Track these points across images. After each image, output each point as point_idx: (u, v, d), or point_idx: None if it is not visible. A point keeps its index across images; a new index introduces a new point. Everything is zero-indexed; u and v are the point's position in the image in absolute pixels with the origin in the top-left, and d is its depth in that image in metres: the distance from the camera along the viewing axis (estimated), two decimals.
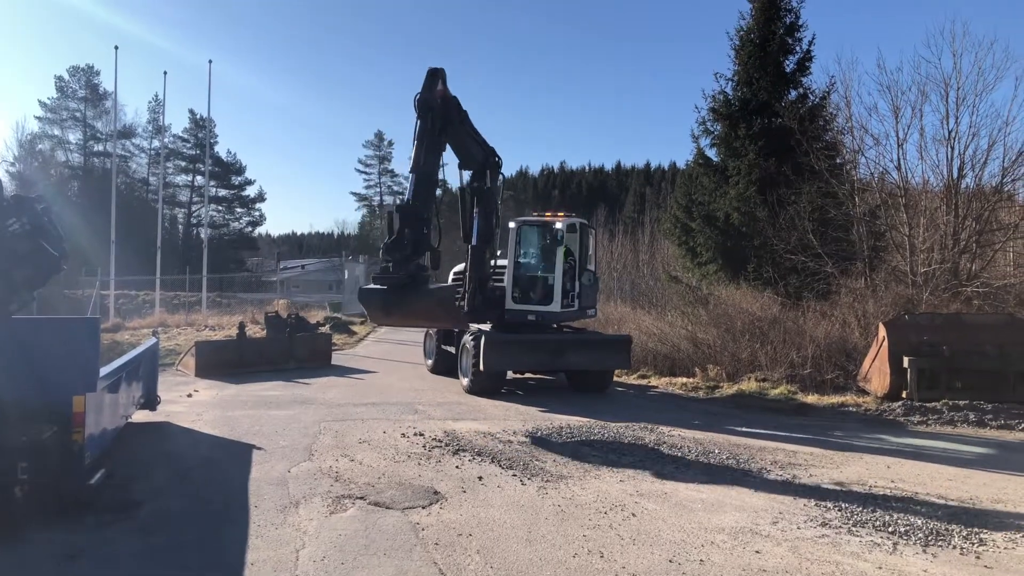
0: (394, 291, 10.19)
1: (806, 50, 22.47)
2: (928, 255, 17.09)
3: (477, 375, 12.37)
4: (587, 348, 13.06)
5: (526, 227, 13.96)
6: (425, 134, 11.29)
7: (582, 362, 12.88)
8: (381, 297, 10.35)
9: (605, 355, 13.27)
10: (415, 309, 10.41)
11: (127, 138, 69.19)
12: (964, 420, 11.02)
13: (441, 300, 10.69)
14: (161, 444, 8.47)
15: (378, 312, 10.63)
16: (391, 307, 10.36)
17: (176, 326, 25.30)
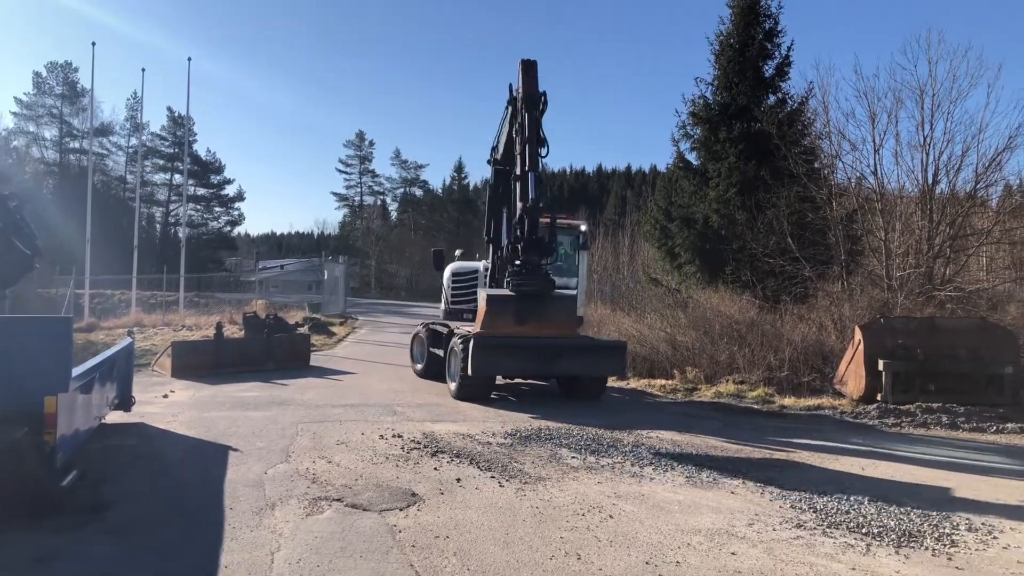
0: (529, 298, 9.61)
1: (785, 55, 22.73)
2: (903, 259, 17.33)
3: (465, 379, 11.96)
4: (580, 353, 12.27)
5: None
6: (534, 129, 10.70)
7: (574, 368, 12.35)
8: (515, 305, 9.68)
9: (598, 361, 12.58)
10: (549, 317, 9.78)
11: (104, 135, 68.36)
12: (937, 423, 11.18)
13: (565, 306, 10.07)
14: (135, 445, 8.35)
15: (508, 321, 9.85)
16: (526, 315, 9.65)
17: (153, 326, 25.01)
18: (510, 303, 9.59)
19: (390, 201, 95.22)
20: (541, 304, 9.48)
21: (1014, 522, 6.08)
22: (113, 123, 70.52)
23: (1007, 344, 12.60)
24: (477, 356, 11.54)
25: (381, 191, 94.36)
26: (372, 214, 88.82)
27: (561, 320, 9.87)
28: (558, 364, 12.11)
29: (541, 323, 9.75)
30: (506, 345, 11.99)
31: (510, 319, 9.65)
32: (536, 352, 11.93)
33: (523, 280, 9.44)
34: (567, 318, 9.92)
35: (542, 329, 10.32)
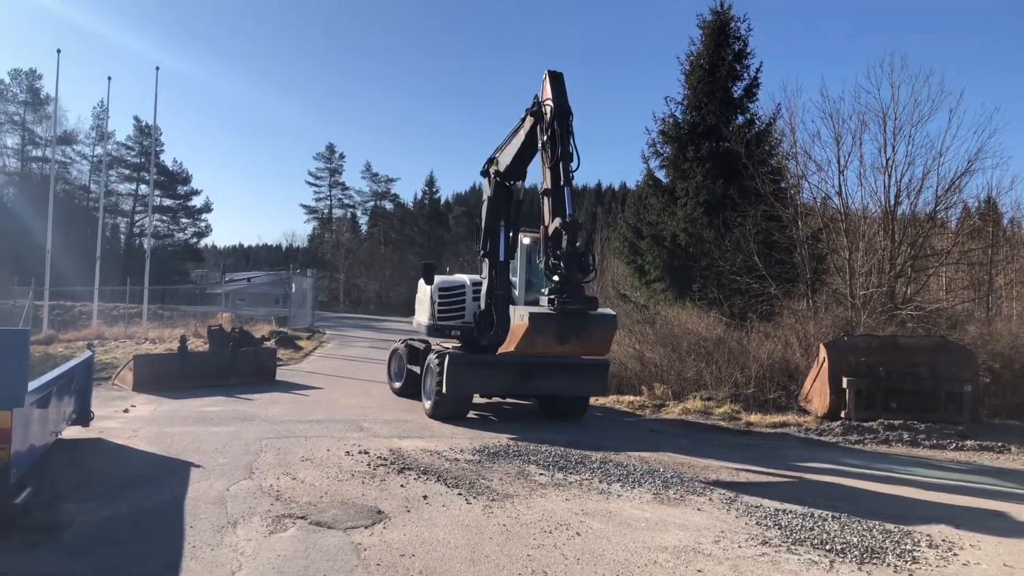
0: (571, 317, 9.08)
1: (753, 77, 23.11)
2: (866, 278, 17.65)
3: (440, 398, 11.57)
4: (559, 372, 11.85)
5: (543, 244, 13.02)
6: (567, 142, 10.10)
7: (553, 387, 12.03)
8: (559, 324, 9.06)
9: (579, 380, 12.17)
10: (589, 336, 9.21)
11: (68, 144, 67.12)
12: (899, 439, 11.37)
13: (606, 326, 9.45)
14: (93, 461, 8.14)
15: (550, 340, 9.17)
16: (568, 335, 9.08)
17: (114, 339, 24.47)
18: (553, 321, 8.96)
19: (360, 214, 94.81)
20: (583, 323, 8.99)
21: (973, 539, 6.19)
22: (77, 131, 69.30)
23: (966, 363, 12.87)
24: (452, 373, 11.31)
25: (351, 204, 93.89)
26: (342, 227, 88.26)
27: (600, 340, 9.35)
28: (536, 383, 11.80)
29: (581, 342, 9.25)
30: (482, 363, 11.75)
31: (551, 338, 9.07)
32: (513, 370, 11.56)
33: (568, 298, 8.91)
34: (605, 338, 9.43)
35: (582, 348, 9.83)
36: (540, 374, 11.70)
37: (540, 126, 10.44)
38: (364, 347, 26.80)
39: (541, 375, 11.71)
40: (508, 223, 12.29)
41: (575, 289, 9.01)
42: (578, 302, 8.98)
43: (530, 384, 11.82)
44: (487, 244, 12.39)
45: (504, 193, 12.38)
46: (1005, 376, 13.86)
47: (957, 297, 20.14)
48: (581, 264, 9.10)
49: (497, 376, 11.79)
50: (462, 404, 11.92)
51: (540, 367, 11.63)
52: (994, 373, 13.87)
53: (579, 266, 9.08)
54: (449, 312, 13.80)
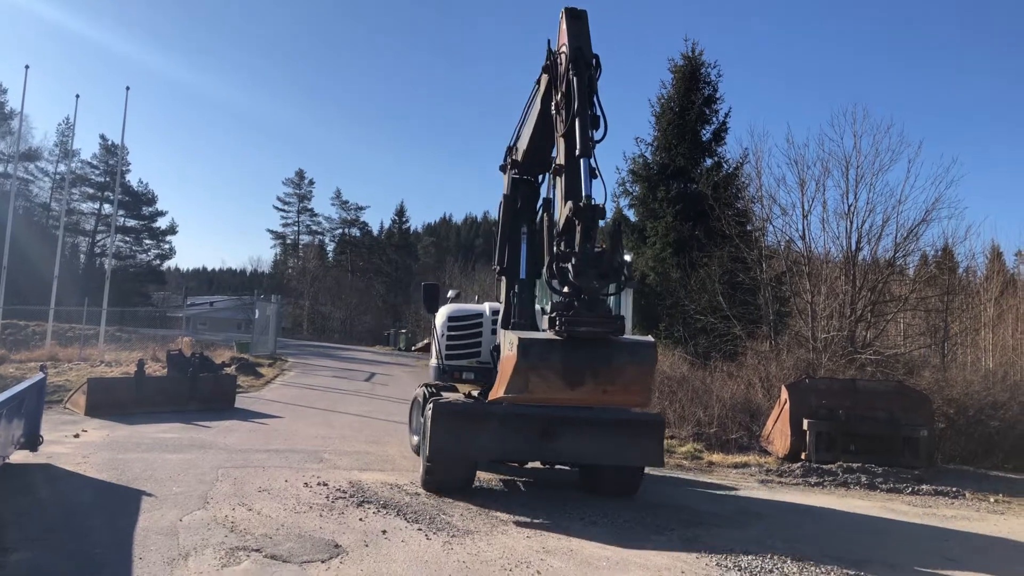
0: (586, 345, 6.32)
1: (722, 122, 23.77)
2: (828, 322, 18.01)
3: (430, 463, 8.56)
4: (593, 430, 8.52)
5: None
6: (586, 96, 7.28)
7: (585, 451, 8.59)
8: (564, 355, 6.31)
9: (622, 442, 8.59)
10: (617, 375, 6.43)
11: (31, 160, 65.89)
12: (857, 482, 11.48)
13: (642, 359, 6.58)
14: (40, 488, 7.87)
15: (555, 381, 6.38)
16: (581, 372, 6.33)
17: (68, 360, 23.81)
18: (555, 352, 6.27)
19: (328, 241, 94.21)
20: (604, 356, 6.32)
21: None
22: (42, 149, 68.10)
23: (922, 408, 13.11)
24: (438, 429, 8.17)
25: (319, 231, 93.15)
26: (309, 254, 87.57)
27: (632, 381, 6.47)
28: (559, 444, 8.40)
29: (602, 384, 6.39)
30: (481, 414, 8.45)
31: (555, 377, 6.30)
32: (525, 425, 8.27)
33: (577, 317, 6.18)
34: (641, 378, 6.55)
35: (605, 394, 6.61)
36: (566, 432, 8.38)
37: (554, 83, 7.81)
38: (327, 376, 26.44)
39: (567, 433, 8.38)
40: (533, 230, 9.32)
41: (592, 303, 6.26)
42: (594, 323, 6.20)
43: (552, 446, 8.39)
44: (504, 257, 9.52)
45: (527, 190, 9.62)
46: (959, 422, 14.16)
47: (914, 343, 20.62)
48: (602, 266, 6.34)
49: (502, 434, 8.39)
50: (457, 471, 8.73)
51: (565, 422, 8.34)
52: (949, 419, 14.16)
53: (598, 270, 6.32)
54: (460, 349, 10.91)
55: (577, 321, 6.22)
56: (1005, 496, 10.97)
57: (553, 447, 8.44)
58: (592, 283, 6.32)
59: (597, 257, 6.41)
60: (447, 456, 8.47)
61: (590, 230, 6.48)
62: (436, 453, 8.39)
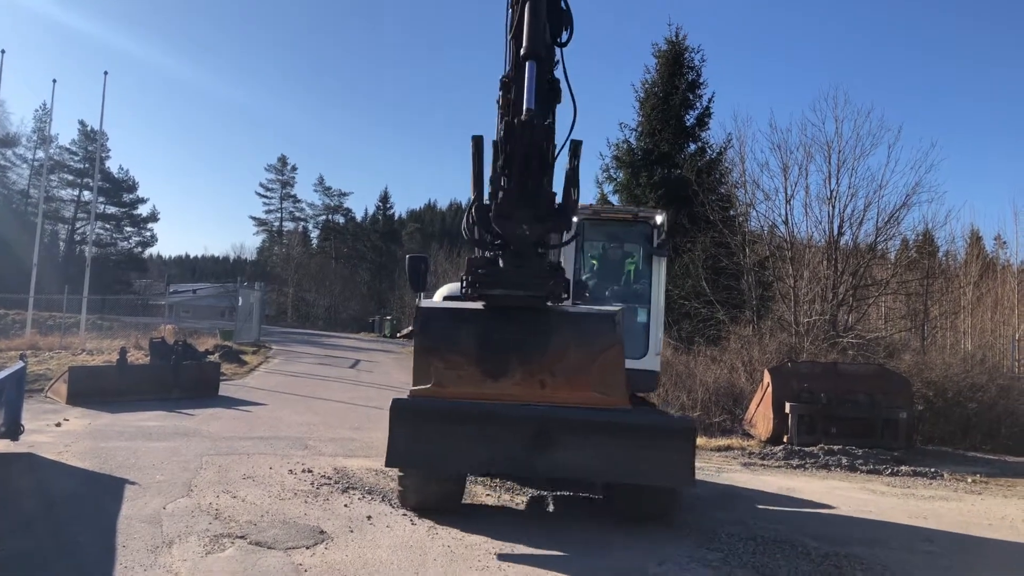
0: (511, 317, 4.87)
1: (706, 107, 23.80)
2: (810, 306, 18.16)
3: (401, 477, 7.12)
4: (602, 437, 6.28)
5: (597, 224, 8.60)
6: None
7: (591, 467, 6.45)
8: (481, 332, 4.98)
9: (639, 454, 6.30)
10: (561, 362, 5.27)
11: (9, 147, 64.87)
12: (838, 464, 11.64)
13: (598, 340, 5.15)
14: (21, 477, 7.82)
15: (467, 368, 5.26)
16: (506, 357, 4.99)
17: (49, 349, 23.57)
18: (466, 327, 5.05)
19: (312, 228, 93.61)
20: (539, 332, 5.02)
21: (904, 565, 6.35)
22: (19, 135, 67.03)
23: (902, 390, 13.29)
24: (397, 435, 6.21)
25: (303, 217, 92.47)
26: (293, 240, 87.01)
27: (583, 369, 5.37)
28: (557, 456, 6.17)
29: (538, 374, 5.29)
30: (453, 415, 6.26)
31: (468, 364, 5.20)
32: (513, 429, 6.20)
33: (494, 275, 4.83)
34: (599, 366, 5.49)
35: (545, 390, 5.61)
36: (566, 438, 6.20)
37: None
38: (311, 363, 26.37)
39: (568, 440, 6.20)
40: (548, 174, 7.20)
41: (519, 256, 4.59)
42: (519, 283, 4.58)
43: (547, 457, 6.16)
44: None
45: None
46: (938, 404, 14.37)
47: (895, 326, 20.86)
48: (540, 207, 4.56)
49: (482, 440, 6.26)
50: (431, 487, 6.97)
51: (566, 425, 6.20)
52: (928, 401, 14.37)
53: (534, 211, 4.54)
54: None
55: (493, 280, 4.26)
56: (982, 476, 11.16)
57: (549, 458, 6.21)
58: (520, 228, 4.31)
59: (533, 195, 4.47)
60: (409, 462, 6.62)
61: (529, 159, 4.55)
62: (395, 463, 6.57)
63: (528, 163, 4.65)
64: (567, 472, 6.86)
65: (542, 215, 4.57)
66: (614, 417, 6.56)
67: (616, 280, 8.63)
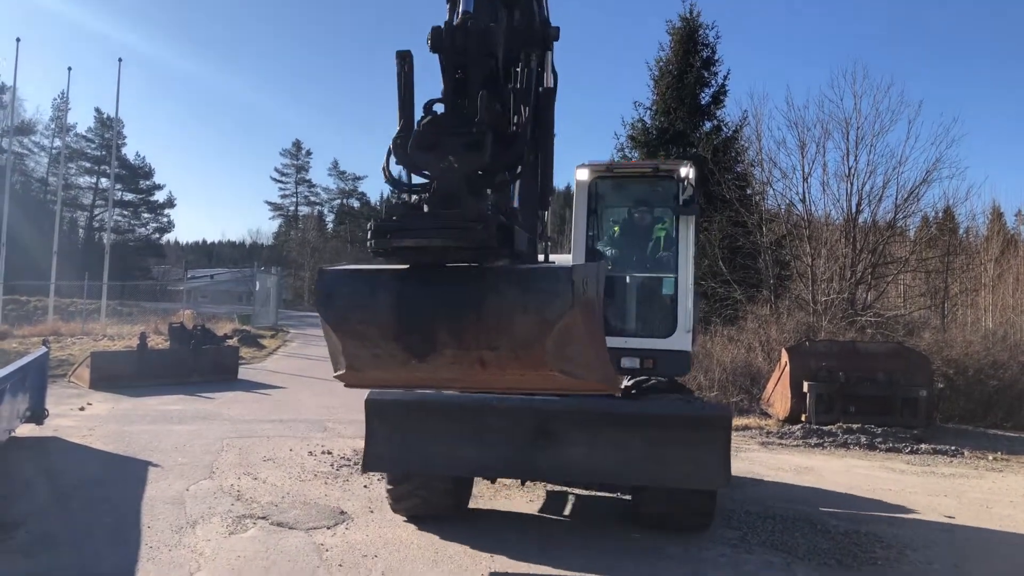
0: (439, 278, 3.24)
1: (721, 84, 23.50)
2: (828, 284, 18.02)
3: (390, 480, 6.24)
4: (615, 432, 5.72)
5: (611, 183, 7.56)
6: None
7: (604, 467, 5.76)
8: (395, 294, 3.19)
9: (661, 451, 5.63)
10: (499, 329, 3.09)
11: (25, 134, 65.39)
12: (856, 443, 11.58)
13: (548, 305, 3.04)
14: (47, 461, 7.96)
15: (385, 343, 3.23)
16: (431, 325, 3.15)
17: (71, 335, 23.89)
18: (382, 294, 3.18)
19: (327, 212, 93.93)
20: (477, 296, 3.08)
21: (926, 540, 6.34)
22: (36, 122, 67.52)
23: (922, 369, 13.17)
24: (375, 433, 5.79)
25: (318, 201, 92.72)
26: (308, 225, 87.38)
27: (542, 346, 3.04)
28: (563, 455, 5.65)
29: (475, 349, 3.12)
30: (437, 409, 5.88)
31: (385, 340, 3.20)
32: (511, 425, 5.72)
33: (406, 221, 3.16)
34: (566, 342, 3.14)
35: (488, 370, 3.22)
36: (571, 433, 5.68)
37: None
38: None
39: (574, 436, 5.69)
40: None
41: (445, 200, 3.18)
42: (438, 231, 3.13)
43: (551, 456, 5.64)
44: None
45: None
46: (959, 382, 14.23)
47: (914, 304, 20.64)
48: (472, 134, 3.20)
49: (475, 438, 5.78)
50: (419, 493, 6.09)
51: (571, 419, 5.69)
52: (948, 379, 14.23)
53: (464, 138, 3.20)
54: None
55: (405, 229, 3.08)
56: (1004, 454, 11.07)
57: (553, 458, 5.61)
58: (446, 159, 3.10)
59: (463, 117, 3.22)
60: (389, 465, 6.04)
61: (465, 76, 3.36)
62: (373, 467, 6.06)
63: (459, 86, 3.39)
64: (578, 474, 6.18)
65: (476, 142, 3.12)
66: (629, 407, 6.07)
67: (642, 248, 7.45)
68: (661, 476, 5.69)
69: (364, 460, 5.84)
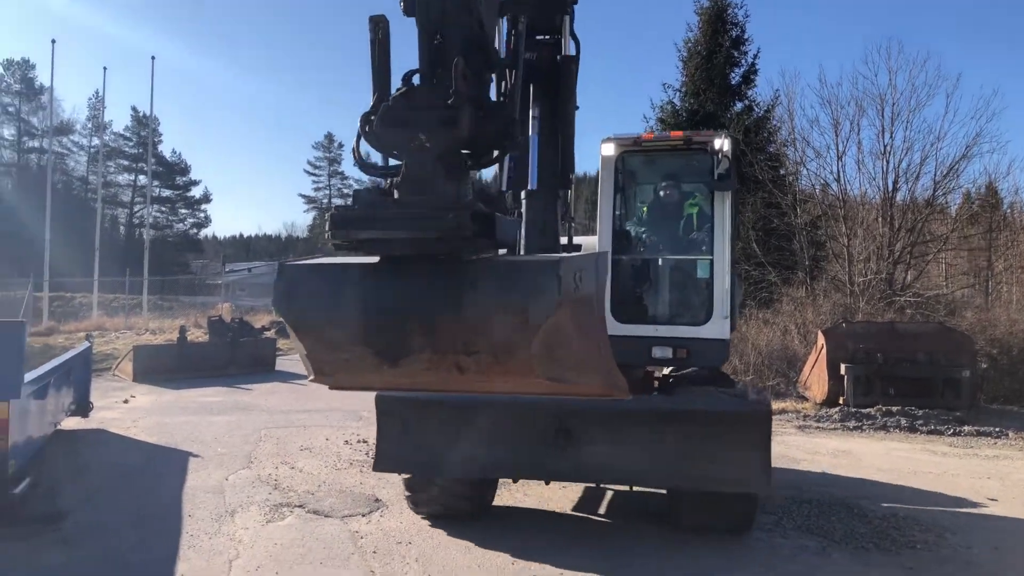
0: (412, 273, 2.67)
1: (751, 63, 23.11)
2: (865, 265, 17.69)
3: (407, 480, 5.95)
4: (642, 432, 5.40)
5: (640, 157, 7.06)
6: None
7: (631, 468, 5.45)
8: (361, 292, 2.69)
9: (692, 451, 5.31)
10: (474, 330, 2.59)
11: (64, 134, 66.92)
12: (896, 425, 11.39)
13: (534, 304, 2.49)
14: (93, 452, 8.19)
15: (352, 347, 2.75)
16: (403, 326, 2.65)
17: (115, 330, 24.53)
18: (349, 292, 2.69)
19: None
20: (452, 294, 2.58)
21: (964, 524, 6.22)
22: (73, 122, 69.01)
23: (964, 348, 12.87)
24: (386, 431, 5.69)
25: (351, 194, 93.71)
26: None
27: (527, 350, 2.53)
28: (586, 454, 5.36)
29: (456, 355, 2.64)
30: (450, 408, 5.51)
31: (354, 344, 2.71)
32: (529, 423, 5.43)
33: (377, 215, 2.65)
34: (554, 345, 2.61)
35: (467, 375, 2.72)
36: (594, 432, 5.39)
37: None
38: None
39: (597, 435, 5.40)
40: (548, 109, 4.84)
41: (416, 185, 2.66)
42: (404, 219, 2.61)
43: (573, 457, 5.35)
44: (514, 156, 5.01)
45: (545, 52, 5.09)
46: (1003, 362, 13.89)
47: (956, 283, 20.18)
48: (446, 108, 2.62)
49: (489, 437, 5.50)
50: (438, 497, 5.90)
51: (593, 417, 5.39)
52: (992, 359, 13.90)
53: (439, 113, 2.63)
54: None
55: (364, 217, 2.72)
56: None
57: (573, 459, 5.33)
58: (417, 138, 2.66)
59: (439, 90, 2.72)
60: (401, 467, 5.82)
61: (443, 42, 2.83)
62: (385, 468, 5.74)
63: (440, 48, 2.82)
64: (603, 475, 5.70)
65: (451, 117, 2.63)
66: (655, 403, 5.72)
67: (674, 228, 6.84)
68: (693, 478, 5.27)
69: (375, 460, 5.68)
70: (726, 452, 5.18)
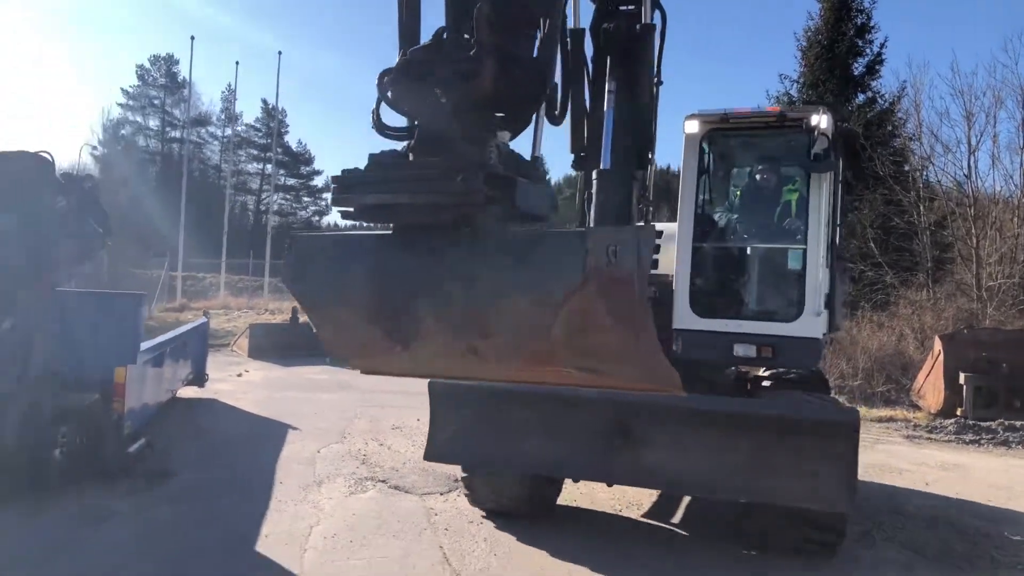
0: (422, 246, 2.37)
1: (876, 53, 21.88)
2: (996, 268, 16.41)
3: (465, 477, 5.69)
4: (710, 435, 4.90)
5: (728, 136, 6.41)
6: None
7: (696, 477, 4.94)
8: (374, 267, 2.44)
9: (766, 461, 4.74)
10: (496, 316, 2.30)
11: (202, 126, 71.60)
12: (1020, 441, 10.55)
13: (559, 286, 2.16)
14: (204, 419, 8.83)
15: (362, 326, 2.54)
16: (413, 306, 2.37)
17: (238, 308, 26.17)
18: (360, 266, 2.46)
19: None
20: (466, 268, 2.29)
21: None
22: (210, 113, 73.71)
23: None
24: (437, 422, 5.41)
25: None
26: None
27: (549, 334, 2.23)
28: (645, 458, 4.92)
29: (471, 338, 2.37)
30: (506, 399, 5.15)
31: (365, 323, 2.50)
32: (584, 420, 5.01)
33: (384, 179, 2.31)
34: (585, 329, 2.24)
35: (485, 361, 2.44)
36: (654, 433, 4.94)
37: None
38: None
39: (657, 436, 4.94)
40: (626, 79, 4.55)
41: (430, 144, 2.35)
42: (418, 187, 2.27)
43: (631, 459, 4.93)
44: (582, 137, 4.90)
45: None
46: None
47: None
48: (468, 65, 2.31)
49: (540, 433, 5.10)
50: (485, 490, 5.62)
51: (654, 415, 4.92)
52: None
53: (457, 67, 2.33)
54: None
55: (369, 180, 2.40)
56: None
57: (632, 461, 4.89)
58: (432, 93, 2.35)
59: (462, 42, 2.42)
60: (453, 463, 5.73)
61: None
62: (435, 458, 5.40)
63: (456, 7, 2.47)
64: (659, 481, 5.25)
65: (471, 70, 2.29)
66: (728, 404, 5.13)
67: (763, 214, 6.22)
68: (765, 491, 4.71)
69: (426, 449, 5.33)
70: (805, 465, 4.62)
